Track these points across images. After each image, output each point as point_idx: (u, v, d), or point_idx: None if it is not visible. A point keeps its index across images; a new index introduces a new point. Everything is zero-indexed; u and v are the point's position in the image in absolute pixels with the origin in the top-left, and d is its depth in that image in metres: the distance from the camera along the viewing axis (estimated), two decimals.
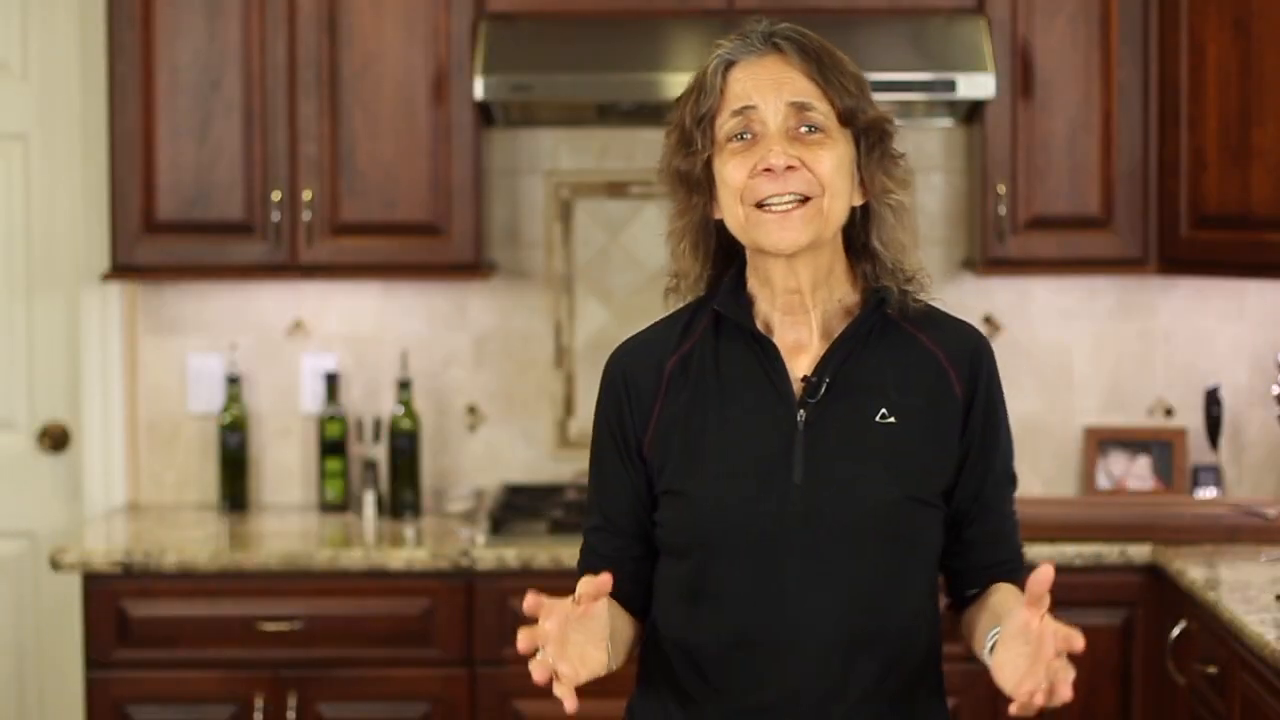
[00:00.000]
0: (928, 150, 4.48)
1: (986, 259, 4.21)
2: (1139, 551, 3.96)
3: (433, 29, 4.19)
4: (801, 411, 2.22)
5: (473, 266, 4.23)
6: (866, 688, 2.23)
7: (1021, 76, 4.18)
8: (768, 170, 2.18)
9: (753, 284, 2.27)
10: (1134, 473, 4.44)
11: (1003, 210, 4.19)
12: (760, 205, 2.20)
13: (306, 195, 4.18)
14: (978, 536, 2.30)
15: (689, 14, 4.17)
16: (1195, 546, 3.95)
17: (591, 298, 4.51)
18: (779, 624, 2.21)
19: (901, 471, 2.22)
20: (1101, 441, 4.45)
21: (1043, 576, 1.99)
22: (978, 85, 4.07)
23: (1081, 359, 4.50)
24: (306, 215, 4.18)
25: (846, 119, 2.21)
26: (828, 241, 2.23)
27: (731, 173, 2.20)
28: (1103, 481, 4.45)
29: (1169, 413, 4.49)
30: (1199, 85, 4.07)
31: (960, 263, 4.45)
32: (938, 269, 4.49)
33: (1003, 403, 2.32)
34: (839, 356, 2.24)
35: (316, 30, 4.20)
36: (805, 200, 2.19)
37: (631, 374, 2.29)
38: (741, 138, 2.21)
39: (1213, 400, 4.29)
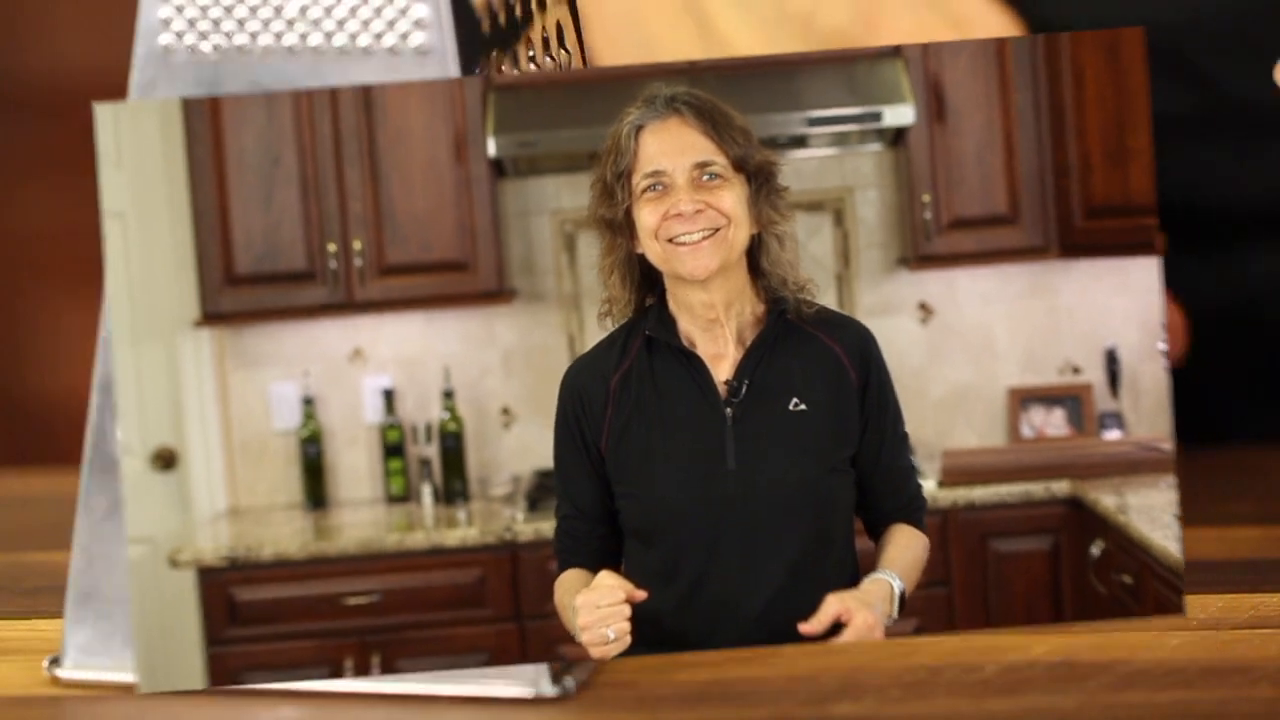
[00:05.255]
0: (863, 171, 4.69)
1: (918, 256, 4.46)
2: (1060, 487, 4.06)
3: (450, 101, 4.60)
4: (728, 409, 2.50)
5: (497, 294, 4.53)
6: (801, 617, 2.47)
7: (935, 106, 4.54)
8: (679, 215, 2.43)
9: (674, 307, 2.54)
10: (1051, 422, 4.83)
11: (928, 215, 4.43)
12: (672, 240, 2.45)
13: (357, 245, 4.67)
14: (878, 485, 2.58)
15: (662, 75, 4.49)
16: (1106, 480, 4.08)
17: (596, 313, 4.86)
18: (726, 588, 2.46)
19: (817, 449, 2.53)
20: (1023, 399, 4.82)
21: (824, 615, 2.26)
22: (900, 115, 4.32)
23: (1001, 333, 4.74)
24: (358, 261, 4.65)
25: (738, 165, 2.46)
26: (734, 264, 2.49)
27: (647, 218, 2.43)
28: (1026, 431, 4.72)
29: (1076, 371, 4.73)
30: (1081, 103, 4.47)
31: (896, 261, 4.63)
32: (878, 268, 4.77)
33: (889, 380, 2.63)
34: (753, 361, 2.55)
35: (355, 111, 4.64)
36: (714, 232, 2.47)
37: (584, 389, 2.52)
38: (654, 189, 2.44)
39: (1111, 359, 4.62)
